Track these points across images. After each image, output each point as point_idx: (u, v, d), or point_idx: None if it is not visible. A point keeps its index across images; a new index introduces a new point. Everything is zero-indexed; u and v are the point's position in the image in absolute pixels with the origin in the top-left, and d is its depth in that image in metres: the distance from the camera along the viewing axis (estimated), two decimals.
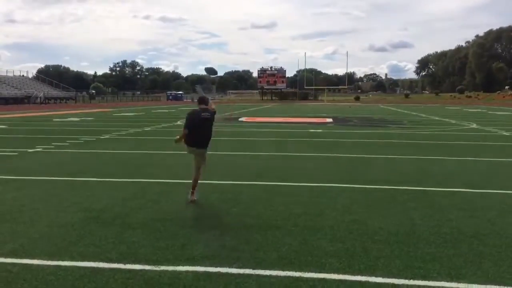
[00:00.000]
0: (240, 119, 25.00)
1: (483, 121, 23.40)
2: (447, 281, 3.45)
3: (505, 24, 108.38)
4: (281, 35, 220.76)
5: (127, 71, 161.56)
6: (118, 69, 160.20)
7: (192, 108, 6.75)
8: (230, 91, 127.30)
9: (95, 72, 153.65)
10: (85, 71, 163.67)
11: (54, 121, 23.09)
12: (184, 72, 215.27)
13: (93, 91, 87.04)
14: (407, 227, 4.80)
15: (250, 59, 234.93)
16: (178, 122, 21.64)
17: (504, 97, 73.74)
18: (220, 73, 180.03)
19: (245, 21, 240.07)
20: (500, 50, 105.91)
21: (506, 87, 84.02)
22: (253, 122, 23.26)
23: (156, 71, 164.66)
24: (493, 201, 6.00)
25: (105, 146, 12.07)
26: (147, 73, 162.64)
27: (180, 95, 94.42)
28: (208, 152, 6.24)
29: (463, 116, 28.28)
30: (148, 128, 18.28)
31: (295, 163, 9.24)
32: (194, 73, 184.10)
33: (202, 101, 6.21)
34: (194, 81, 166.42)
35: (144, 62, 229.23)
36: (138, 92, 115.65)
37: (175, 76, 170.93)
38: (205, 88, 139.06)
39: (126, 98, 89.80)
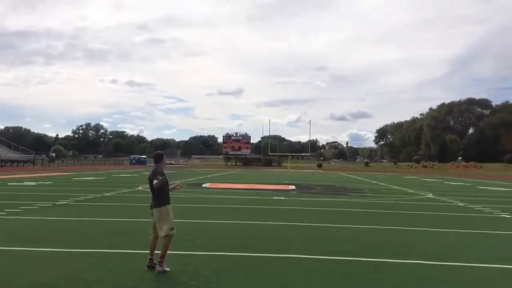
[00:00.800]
0: (203, 185, 24.86)
1: (439, 191, 24.27)
2: None
3: (456, 98, 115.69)
4: (247, 102, 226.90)
5: (90, 134, 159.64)
6: (81, 131, 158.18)
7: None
8: (195, 156, 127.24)
9: (57, 135, 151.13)
10: (46, 133, 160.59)
11: (8, 185, 22.19)
12: (149, 136, 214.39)
13: (53, 154, 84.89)
14: None
15: (216, 124, 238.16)
16: (140, 188, 21.28)
17: (457, 167, 77.18)
18: (185, 137, 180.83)
19: (213, 87, 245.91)
20: (452, 123, 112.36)
21: (459, 158, 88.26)
22: (217, 188, 23.18)
23: (120, 135, 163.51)
24: (452, 274, 6.13)
25: (61, 213, 11.65)
26: (111, 136, 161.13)
27: (143, 159, 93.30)
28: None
29: (420, 186, 29.26)
30: (108, 194, 17.84)
31: (258, 232, 9.20)
32: (159, 137, 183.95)
33: (155, 159, 6.26)
34: (158, 145, 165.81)
35: (109, 125, 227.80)
36: (100, 156, 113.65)
37: (139, 139, 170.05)
38: (169, 153, 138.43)
39: (88, 161, 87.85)
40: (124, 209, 12.92)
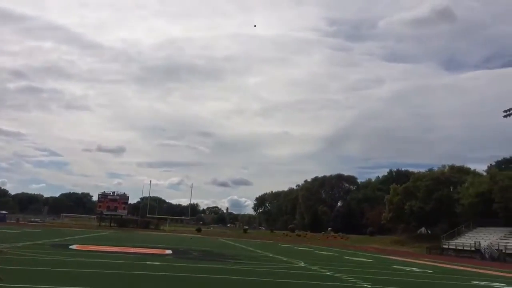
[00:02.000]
0: (70, 247, 22.78)
1: (310, 259, 25.44)
2: None
3: (327, 173, 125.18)
4: (128, 161, 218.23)
5: None
6: None
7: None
8: (64, 214, 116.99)
9: None
10: None
11: None
12: (13, 189, 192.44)
13: None
14: None
15: (92, 182, 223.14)
16: None
17: (327, 237, 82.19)
18: (56, 193, 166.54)
19: (92, 143, 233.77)
20: (324, 195, 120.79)
21: (329, 228, 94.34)
22: (85, 250, 21.39)
23: None
24: None
25: None
26: None
27: (3, 215, 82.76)
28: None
29: (293, 254, 30.40)
30: None
31: None
32: (25, 191, 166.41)
33: None
34: (22, 200, 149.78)
35: None
36: None
37: (0, 193, 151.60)
38: (35, 210, 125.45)
39: None
40: None
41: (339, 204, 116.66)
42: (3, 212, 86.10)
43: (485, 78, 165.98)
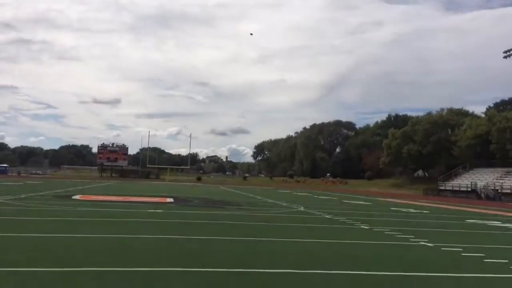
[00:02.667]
0: (73, 197, 23.08)
1: (309, 204, 25.91)
2: None
3: (326, 120, 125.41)
4: (125, 112, 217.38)
5: None
6: None
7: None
8: (65, 166, 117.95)
9: None
10: None
11: None
12: (12, 143, 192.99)
13: None
14: None
15: (91, 134, 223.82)
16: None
17: (326, 183, 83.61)
18: (55, 146, 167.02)
19: (87, 95, 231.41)
20: (322, 142, 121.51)
21: (328, 174, 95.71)
22: (88, 200, 21.69)
23: None
24: (317, 282, 6.51)
25: None
26: None
27: (4, 168, 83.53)
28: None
29: (293, 199, 30.94)
30: None
31: (129, 246, 8.77)
32: (24, 144, 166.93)
33: None
34: (22, 153, 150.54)
35: None
36: None
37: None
38: (36, 162, 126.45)
39: None
40: None
41: (337, 150, 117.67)
42: (4, 165, 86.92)
43: (486, 18, 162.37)
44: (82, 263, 6.87)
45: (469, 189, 47.41)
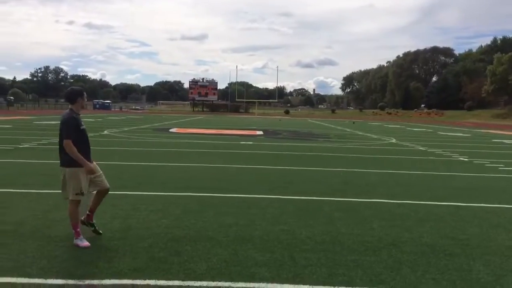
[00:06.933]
0: (170, 130, 24.63)
1: (402, 136, 25.02)
2: (369, 287, 3.64)
3: (421, 46, 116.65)
4: (212, 48, 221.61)
5: (50, 77, 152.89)
6: (40, 74, 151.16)
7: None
8: (161, 101, 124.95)
9: (14, 77, 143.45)
10: (2, 76, 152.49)
11: None
12: (112, 80, 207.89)
13: (11, 98, 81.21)
14: (332, 236, 5.00)
15: (181, 70, 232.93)
16: (105, 132, 20.87)
17: (420, 114, 79.45)
18: (150, 83, 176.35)
19: (175, 31, 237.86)
20: (417, 71, 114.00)
21: (422, 105, 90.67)
22: (184, 133, 23.02)
23: (82, 79, 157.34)
24: (410, 210, 6.42)
25: (23, 156, 11.32)
26: (72, 80, 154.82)
27: (108, 104, 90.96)
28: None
29: (384, 132, 30.04)
30: None
31: (225, 175, 9.27)
32: (123, 82, 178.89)
33: (68, 98, 4.63)
34: (122, 90, 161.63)
35: (69, 69, 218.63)
36: (62, 100, 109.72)
37: (102, 84, 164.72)
38: (134, 98, 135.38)
39: (49, 105, 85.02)
40: None
41: (433, 79, 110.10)
42: (108, 101, 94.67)
43: None
44: (184, 188, 7.45)
45: None
